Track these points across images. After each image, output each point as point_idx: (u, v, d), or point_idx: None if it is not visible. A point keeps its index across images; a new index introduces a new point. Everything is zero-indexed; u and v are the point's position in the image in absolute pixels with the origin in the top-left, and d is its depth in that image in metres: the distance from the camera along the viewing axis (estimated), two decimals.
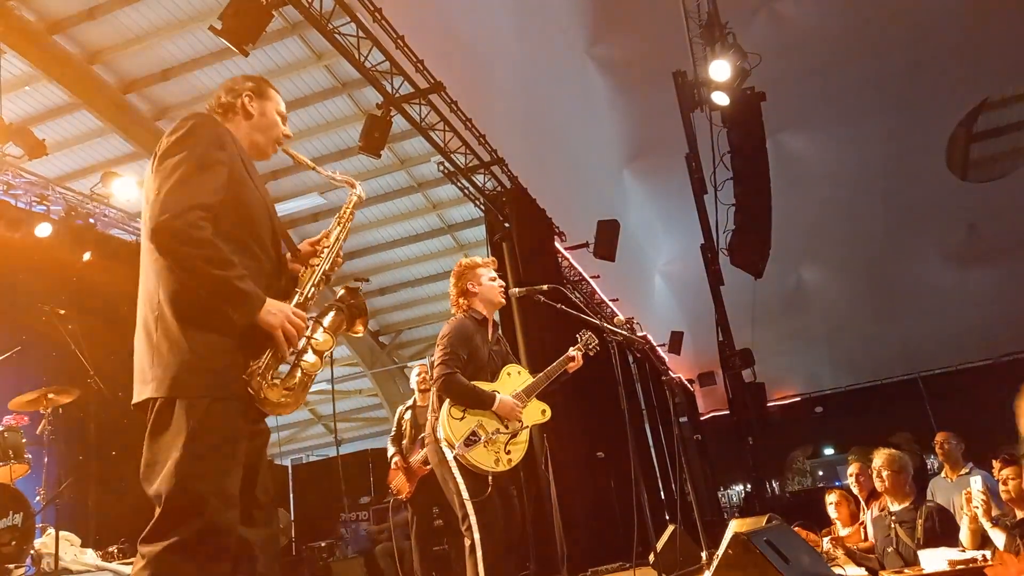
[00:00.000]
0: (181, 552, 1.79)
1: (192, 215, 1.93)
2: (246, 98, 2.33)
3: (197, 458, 1.86)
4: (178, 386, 1.91)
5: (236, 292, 1.95)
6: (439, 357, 3.56)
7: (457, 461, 3.41)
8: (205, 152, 2.06)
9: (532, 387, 3.70)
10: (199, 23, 9.32)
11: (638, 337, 14.01)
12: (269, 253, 2.21)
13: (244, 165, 2.19)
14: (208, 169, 2.04)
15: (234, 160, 2.14)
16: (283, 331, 2.02)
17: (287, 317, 2.04)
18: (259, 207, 2.19)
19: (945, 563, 3.79)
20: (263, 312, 2.00)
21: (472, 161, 8.96)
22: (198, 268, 1.93)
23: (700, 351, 18.09)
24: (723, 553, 2.90)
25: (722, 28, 8.16)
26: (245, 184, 2.15)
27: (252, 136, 2.33)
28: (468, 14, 10.67)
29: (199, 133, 2.09)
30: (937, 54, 13.57)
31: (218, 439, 1.91)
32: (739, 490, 19.00)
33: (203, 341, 1.95)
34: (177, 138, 2.07)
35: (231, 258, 1.97)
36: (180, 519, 1.82)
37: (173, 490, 1.83)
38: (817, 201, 15.97)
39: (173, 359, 1.93)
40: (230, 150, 2.14)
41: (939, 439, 5.34)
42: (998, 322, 16.63)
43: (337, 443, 9.68)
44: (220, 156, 2.08)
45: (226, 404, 1.95)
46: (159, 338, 1.97)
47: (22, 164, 7.89)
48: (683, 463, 6.39)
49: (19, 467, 5.36)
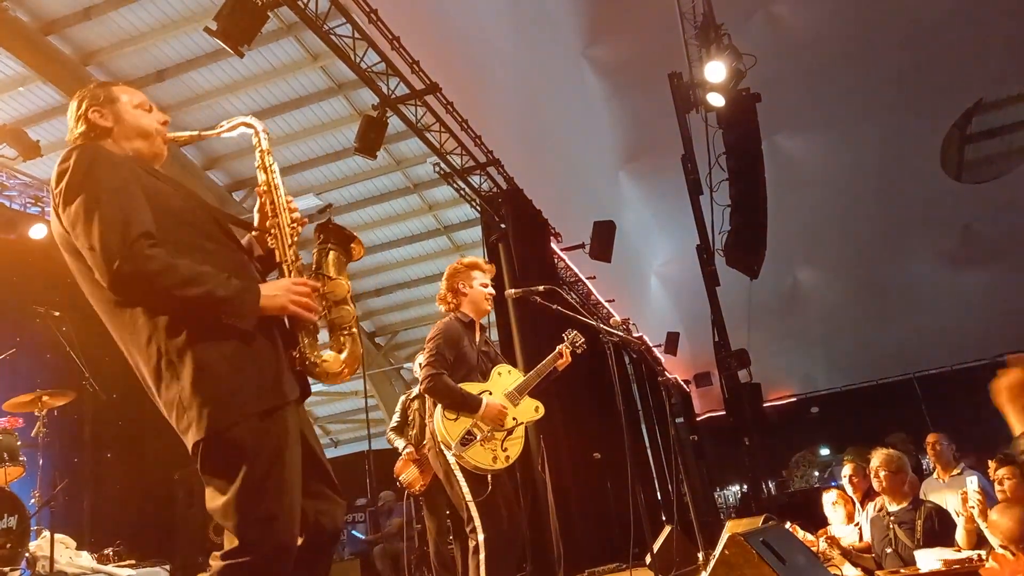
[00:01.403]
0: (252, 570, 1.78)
1: (137, 248, 1.77)
2: (94, 115, 2.06)
3: (258, 482, 1.80)
4: (213, 420, 1.80)
5: (222, 300, 1.83)
6: (426, 359, 3.56)
7: (458, 462, 3.40)
8: (106, 179, 1.86)
9: (524, 385, 3.70)
10: (194, 24, 9.31)
11: (634, 338, 14.02)
12: (227, 242, 2.06)
13: (148, 172, 2.02)
14: (118, 197, 1.84)
15: (135, 174, 1.95)
16: (295, 305, 1.94)
17: (289, 290, 1.95)
18: (187, 203, 2.03)
19: (940, 563, 3.80)
20: (264, 301, 1.90)
21: (468, 162, 8.96)
22: (175, 296, 1.79)
23: (696, 352, 18.13)
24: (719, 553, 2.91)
25: (717, 29, 8.18)
26: (160, 192, 1.97)
27: (127, 146, 2.09)
28: (464, 15, 10.67)
29: (90, 165, 1.88)
30: (932, 56, 13.62)
31: (272, 456, 1.84)
32: (735, 491, 19.05)
33: (220, 363, 1.84)
34: (67, 183, 1.86)
35: (199, 268, 1.84)
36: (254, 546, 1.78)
37: (241, 520, 1.78)
38: (812, 202, 16.01)
39: (198, 396, 1.81)
40: (126, 165, 1.96)
41: (930, 440, 5.35)
42: (993, 323, 16.68)
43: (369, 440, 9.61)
44: (119, 178, 1.88)
45: (271, 416, 1.86)
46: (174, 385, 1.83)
47: (16, 165, 7.87)
48: (679, 464, 6.39)
49: (14, 469, 5.33)
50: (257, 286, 1.92)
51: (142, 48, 9.85)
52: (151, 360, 1.86)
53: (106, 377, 6.21)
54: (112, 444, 7.57)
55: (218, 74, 10.39)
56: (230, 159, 11.91)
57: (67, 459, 7.20)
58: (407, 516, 7.21)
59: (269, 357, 1.92)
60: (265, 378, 1.88)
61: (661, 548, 5.25)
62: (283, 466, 1.85)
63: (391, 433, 5.91)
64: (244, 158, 11.80)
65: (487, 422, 3.48)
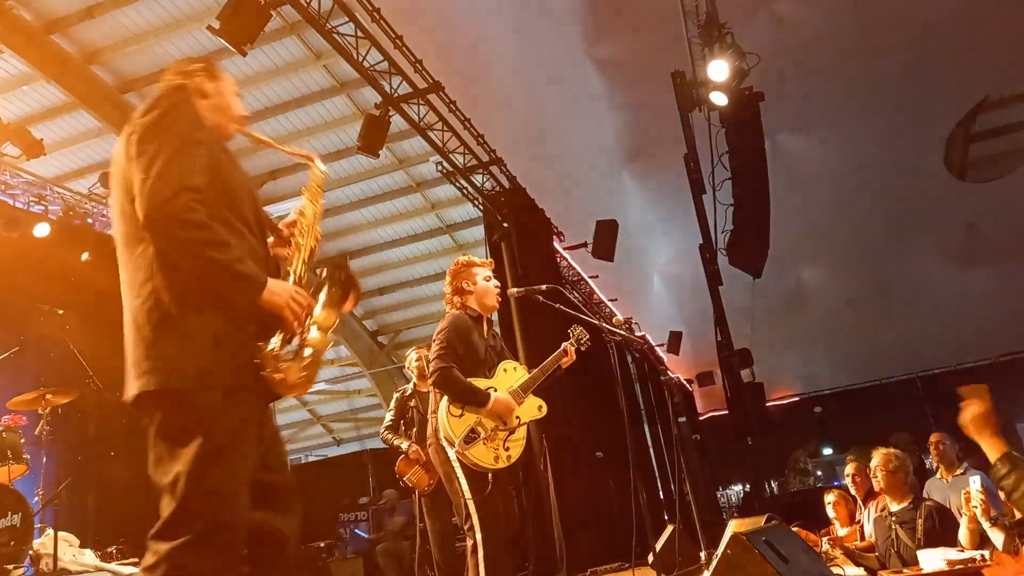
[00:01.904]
0: (194, 549, 1.75)
1: (184, 197, 1.85)
2: (199, 78, 2.22)
3: (211, 454, 1.81)
4: (184, 377, 1.84)
5: (238, 274, 1.90)
6: (435, 351, 3.55)
7: (459, 460, 3.40)
8: (186, 132, 1.98)
9: (528, 383, 3.69)
10: (197, 23, 9.31)
11: (637, 337, 13.99)
12: (255, 234, 2.13)
13: (218, 143, 2.15)
14: (191, 149, 1.96)
15: (212, 141, 2.08)
16: (290, 309, 1.99)
17: (291, 295, 2.00)
18: (240, 187, 2.12)
19: (943, 563, 3.79)
20: (267, 293, 1.95)
21: (471, 161, 8.96)
22: (197, 252, 1.86)
23: (699, 351, 18.09)
24: (722, 553, 2.91)
25: (721, 28, 8.16)
26: (222, 164, 2.08)
27: (213, 117, 2.21)
28: (467, 14, 10.67)
29: (176, 113, 2.01)
30: (936, 54, 13.58)
31: (230, 433, 1.85)
32: (738, 490, 19.03)
33: (206, 329, 1.88)
34: (153, 119, 1.98)
35: (229, 239, 1.92)
36: (193, 516, 1.77)
37: (186, 487, 1.78)
38: (816, 201, 15.97)
39: (174, 350, 1.85)
40: (205, 129, 2.08)
41: (933, 440, 5.34)
42: (997, 322, 16.65)
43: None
44: (200, 136, 2.02)
45: (237, 396, 1.89)
46: (155, 330, 1.88)
47: (20, 164, 7.89)
48: (682, 463, 6.38)
49: (17, 467, 5.35)
50: (265, 277, 1.97)
51: (145, 47, 9.86)
52: (140, 299, 1.91)
53: (109, 375, 6.22)
54: (115, 442, 7.58)
55: None
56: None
57: (70, 457, 7.22)
58: (411, 514, 7.21)
59: (246, 344, 1.95)
60: (239, 360, 1.92)
61: (663, 547, 5.25)
62: (237, 445, 1.87)
63: (387, 433, 5.78)
64: (244, 159, 11.78)
65: (494, 417, 3.47)
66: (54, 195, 8.27)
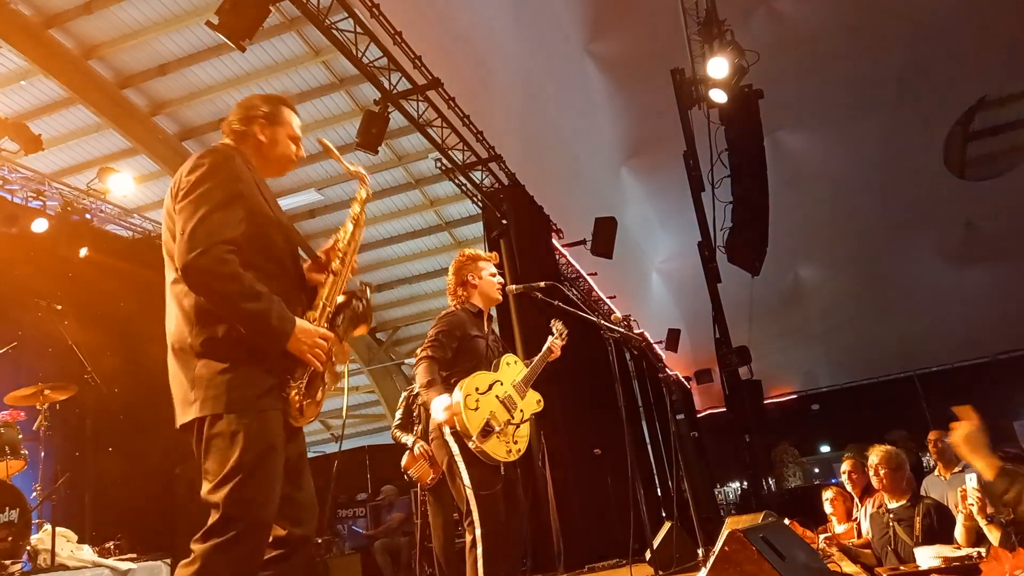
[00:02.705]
0: (226, 549, 1.96)
1: (218, 250, 2.02)
2: (257, 127, 2.38)
3: (249, 466, 2.02)
4: (228, 403, 2.05)
5: (268, 326, 2.08)
6: (425, 343, 3.56)
7: (465, 455, 3.40)
8: (225, 187, 2.14)
9: (528, 377, 3.70)
10: (196, 18, 9.29)
11: (635, 334, 14.01)
12: (288, 270, 2.30)
13: (259, 189, 2.28)
14: (230, 204, 2.12)
15: (251, 188, 2.23)
16: (312, 355, 2.16)
17: (314, 343, 2.17)
18: (276, 229, 2.27)
19: (939, 560, 3.80)
20: (292, 341, 2.12)
21: (470, 158, 8.95)
22: (231, 303, 2.05)
23: (697, 348, 18.12)
24: (719, 550, 2.91)
25: (720, 25, 8.17)
26: (263, 210, 2.24)
27: (263, 161, 2.40)
28: (466, 10, 10.66)
29: (218, 169, 2.17)
30: (935, 52, 13.59)
31: (265, 447, 2.07)
32: (736, 487, 19.05)
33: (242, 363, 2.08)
34: (198, 176, 2.14)
35: (260, 289, 2.08)
36: (231, 521, 1.99)
37: (230, 495, 1.99)
38: (814, 199, 15.99)
39: (217, 380, 2.06)
40: (247, 179, 2.22)
41: (932, 437, 5.35)
42: (995, 320, 16.68)
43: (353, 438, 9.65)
44: (239, 188, 2.17)
45: (269, 415, 2.10)
46: (198, 365, 2.09)
47: (18, 159, 7.87)
48: (680, 460, 6.38)
49: (15, 463, 5.34)
50: (293, 323, 2.14)
51: (144, 42, 9.84)
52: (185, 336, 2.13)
53: (107, 371, 6.21)
54: (113, 438, 7.57)
55: (220, 69, 10.37)
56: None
57: (69, 453, 7.21)
58: (409, 510, 7.22)
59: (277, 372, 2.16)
60: (272, 384, 2.14)
61: (661, 544, 5.26)
62: (271, 460, 2.09)
63: (396, 431, 5.85)
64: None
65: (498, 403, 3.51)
66: (52, 190, 8.26)
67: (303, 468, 2.34)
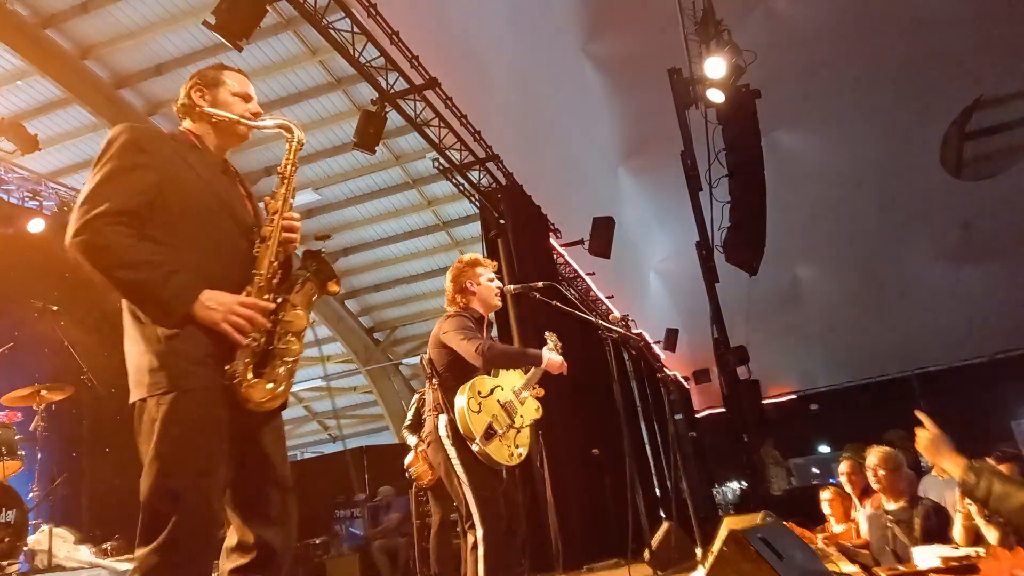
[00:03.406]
0: (159, 557, 1.78)
1: (97, 223, 1.90)
2: (196, 95, 2.28)
3: (168, 456, 1.85)
4: (146, 385, 1.91)
5: (153, 296, 1.91)
6: (458, 340, 3.50)
7: (462, 457, 3.40)
8: (121, 158, 2.01)
9: (526, 384, 3.70)
10: (193, 18, 9.29)
11: (633, 334, 14.03)
12: (227, 246, 2.12)
13: (187, 162, 2.13)
14: (123, 175, 1.99)
15: (166, 161, 2.07)
16: (230, 324, 1.95)
17: (230, 309, 1.96)
18: (205, 200, 2.11)
19: (938, 560, 3.80)
20: (197, 308, 1.93)
21: (467, 157, 8.94)
22: (108, 275, 1.90)
23: (695, 348, 18.13)
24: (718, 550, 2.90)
25: (717, 25, 8.16)
26: (184, 181, 2.08)
27: (217, 126, 2.28)
28: (463, 10, 10.65)
29: (115, 143, 2.04)
30: (932, 52, 13.60)
31: (188, 432, 1.87)
32: (734, 487, 19.03)
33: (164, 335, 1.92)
34: (98, 156, 2.04)
35: (149, 258, 1.92)
36: (157, 521, 1.80)
37: (148, 490, 1.83)
38: (812, 199, 16.00)
39: (141, 359, 1.94)
40: (156, 151, 2.07)
41: None
42: (992, 320, 16.69)
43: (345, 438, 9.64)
44: (139, 160, 2.02)
45: (194, 395, 1.90)
46: (129, 341, 2.01)
47: (15, 159, 7.86)
48: (678, 460, 6.40)
49: (12, 464, 5.34)
50: (196, 294, 1.95)
51: (141, 42, 9.83)
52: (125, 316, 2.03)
53: (104, 371, 6.20)
54: (110, 438, 7.55)
55: None
56: None
57: (65, 453, 7.20)
58: (408, 511, 7.22)
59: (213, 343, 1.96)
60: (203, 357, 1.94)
61: (659, 544, 5.27)
62: (207, 448, 1.89)
63: (405, 431, 5.99)
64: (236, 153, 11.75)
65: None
66: (49, 191, 8.24)
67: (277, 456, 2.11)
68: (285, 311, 2.08)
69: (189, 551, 1.81)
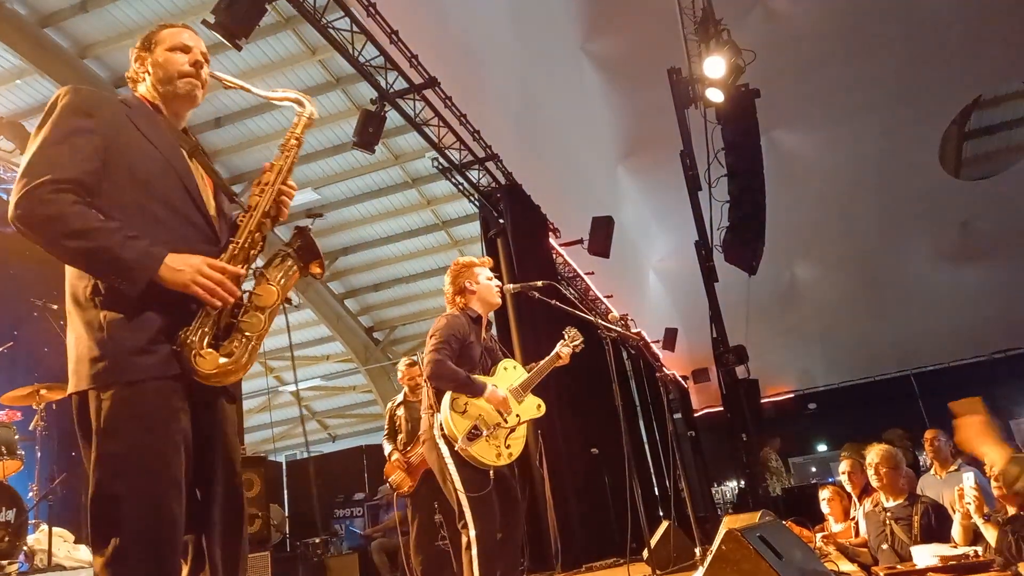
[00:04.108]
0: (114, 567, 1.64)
1: (39, 192, 1.75)
2: (139, 61, 2.15)
3: (112, 456, 1.70)
4: (83, 378, 1.77)
5: (113, 260, 1.75)
6: (431, 346, 3.55)
7: (455, 457, 3.41)
8: (61, 123, 1.87)
9: (527, 383, 3.71)
10: (192, 17, 9.27)
11: (632, 334, 14.02)
12: (187, 213, 1.97)
13: (136, 127, 1.98)
14: (64, 140, 1.84)
15: (111, 126, 1.93)
16: (199, 286, 1.80)
17: (198, 270, 1.81)
18: (156, 166, 1.96)
19: (937, 559, 3.81)
20: (164, 271, 1.78)
21: (466, 157, 8.95)
22: (61, 245, 1.76)
23: (694, 347, 18.14)
24: (716, 549, 2.90)
25: (716, 25, 8.17)
26: (130, 147, 1.94)
27: (161, 89, 2.12)
28: (463, 9, 10.63)
29: (56, 108, 1.90)
30: (931, 51, 13.60)
31: (134, 429, 1.72)
32: (733, 486, 19.04)
33: (107, 322, 1.77)
34: (40, 121, 1.90)
35: (97, 226, 1.76)
36: (106, 528, 1.67)
37: (92, 496, 1.69)
38: (811, 198, 16.00)
39: (80, 350, 1.78)
40: (102, 115, 1.93)
41: (928, 436, 5.37)
42: (991, 319, 16.71)
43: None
44: (82, 124, 1.87)
45: (141, 387, 1.75)
46: (70, 328, 1.84)
47: (14, 158, 7.85)
48: (677, 459, 6.41)
49: (11, 463, 5.33)
50: (162, 255, 1.80)
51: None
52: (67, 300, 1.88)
53: None
54: None
55: (216, 67, 10.17)
56: (229, 153, 11.89)
57: (65, 453, 7.18)
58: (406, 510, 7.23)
59: (160, 329, 1.81)
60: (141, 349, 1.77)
61: (658, 543, 5.27)
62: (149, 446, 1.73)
63: (384, 440, 6.11)
64: (244, 152, 11.78)
65: (492, 404, 3.49)
66: None
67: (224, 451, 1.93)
68: (259, 283, 1.95)
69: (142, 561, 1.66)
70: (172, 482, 1.73)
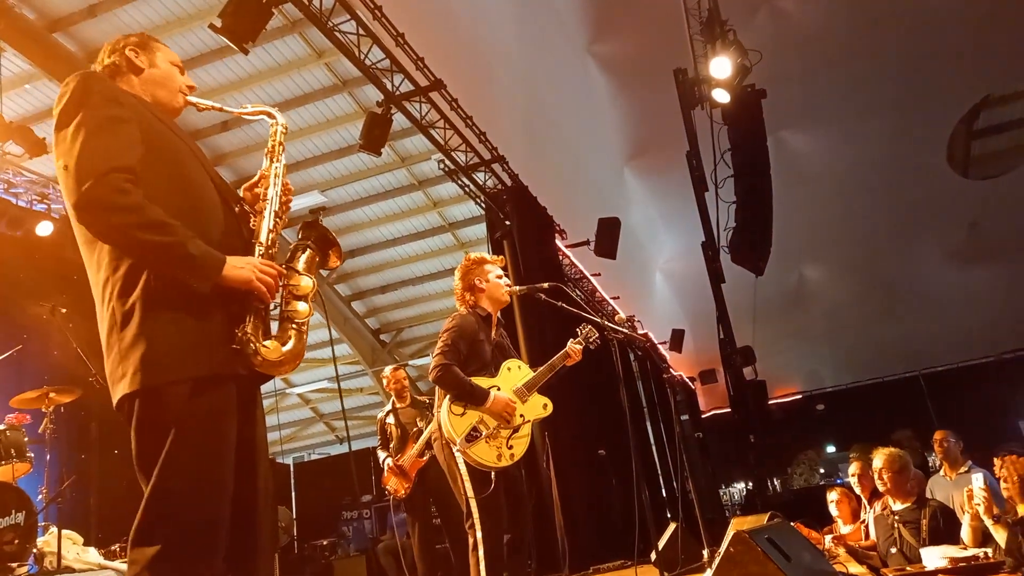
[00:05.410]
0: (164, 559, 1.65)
1: (113, 178, 1.70)
2: (131, 53, 2.07)
3: (182, 450, 1.70)
4: (151, 374, 1.72)
5: (186, 256, 1.72)
6: (438, 349, 3.55)
7: (463, 458, 3.40)
8: (101, 109, 1.81)
9: (533, 382, 3.69)
10: (199, 21, 9.32)
11: (639, 335, 14.02)
12: (216, 211, 1.97)
13: (157, 117, 1.98)
14: (113, 127, 1.80)
15: (139, 115, 1.90)
16: (260, 281, 1.83)
17: (257, 267, 1.84)
18: (189, 160, 1.96)
19: (946, 560, 3.79)
20: (228, 269, 1.79)
21: (473, 159, 8.95)
22: (136, 238, 1.71)
23: (701, 349, 18.10)
24: (724, 551, 2.90)
25: (723, 25, 8.15)
26: (164, 137, 1.93)
27: (151, 92, 2.07)
28: (469, 12, 10.66)
29: (86, 90, 1.84)
30: (938, 51, 13.56)
31: (202, 425, 1.74)
32: (740, 488, 19.00)
33: (168, 319, 1.75)
34: (66, 103, 1.83)
35: (170, 221, 1.74)
36: (161, 520, 1.68)
37: (154, 488, 1.70)
38: (818, 199, 15.97)
39: (141, 347, 1.72)
40: (128, 103, 1.90)
41: (938, 437, 5.34)
42: (1000, 320, 16.65)
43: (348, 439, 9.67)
44: (119, 113, 1.83)
45: (207, 385, 1.76)
46: (122, 330, 1.76)
47: (23, 162, 7.89)
48: (684, 461, 6.40)
49: (21, 466, 5.36)
50: (222, 255, 1.81)
51: None
52: (103, 301, 1.82)
53: None
54: (119, 441, 7.56)
55: (223, 71, 10.40)
56: (237, 156, 11.92)
57: (74, 456, 7.23)
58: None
59: (217, 326, 1.81)
60: (208, 345, 1.78)
61: (666, 545, 5.26)
62: (218, 442, 1.75)
63: (378, 451, 6.24)
64: (252, 155, 11.79)
65: (494, 416, 3.48)
66: (57, 194, 8.27)
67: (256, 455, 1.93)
68: (291, 276, 1.98)
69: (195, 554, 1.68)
70: (227, 482, 1.76)
